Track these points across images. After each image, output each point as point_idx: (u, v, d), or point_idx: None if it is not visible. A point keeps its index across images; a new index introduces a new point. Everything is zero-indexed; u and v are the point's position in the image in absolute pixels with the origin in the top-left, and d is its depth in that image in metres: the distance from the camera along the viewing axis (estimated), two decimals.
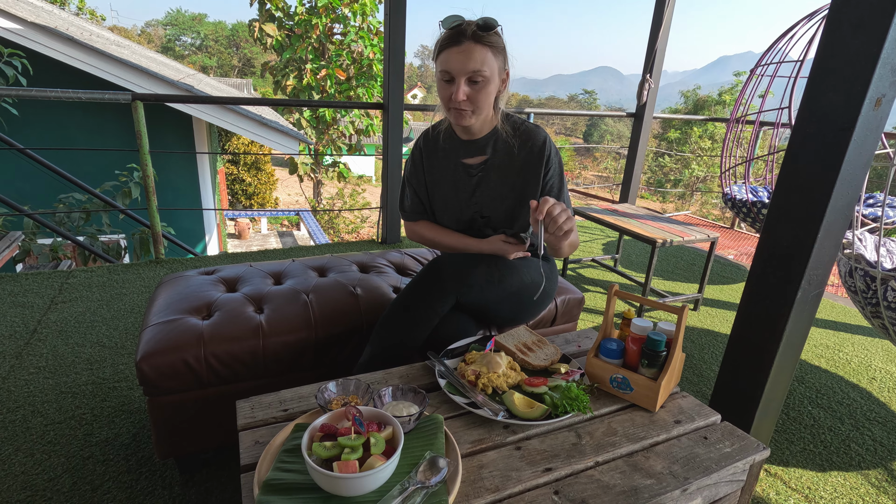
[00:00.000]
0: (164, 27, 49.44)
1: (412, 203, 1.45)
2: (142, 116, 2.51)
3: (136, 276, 2.57)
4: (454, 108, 1.19)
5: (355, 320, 1.37)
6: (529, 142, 1.30)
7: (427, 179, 1.40)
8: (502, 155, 1.32)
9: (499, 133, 1.31)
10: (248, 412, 0.93)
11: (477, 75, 1.15)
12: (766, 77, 3.33)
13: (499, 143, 1.32)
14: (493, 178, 1.32)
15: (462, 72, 1.15)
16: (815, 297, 1.04)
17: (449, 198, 1.37)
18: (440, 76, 1.19)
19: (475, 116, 1.22)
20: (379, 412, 0.80)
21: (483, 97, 1.19)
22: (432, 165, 1.38)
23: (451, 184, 1.36)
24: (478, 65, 1.14)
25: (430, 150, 1.39)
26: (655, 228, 2.47)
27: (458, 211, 1.38)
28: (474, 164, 1.34)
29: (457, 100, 1.17)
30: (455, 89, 1.16)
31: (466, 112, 1.20)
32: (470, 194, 1.35)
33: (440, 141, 1.37)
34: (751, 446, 0.92)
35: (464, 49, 1.14)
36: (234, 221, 12.07)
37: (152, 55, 8.74)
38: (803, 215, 0.97)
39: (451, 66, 1.15)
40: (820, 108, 0.92)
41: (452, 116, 1.23)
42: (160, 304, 1.36)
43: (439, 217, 1.43)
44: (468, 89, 1.17)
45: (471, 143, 1.33)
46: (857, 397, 1.90)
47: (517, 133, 1.31)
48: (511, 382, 1.03)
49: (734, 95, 16.26)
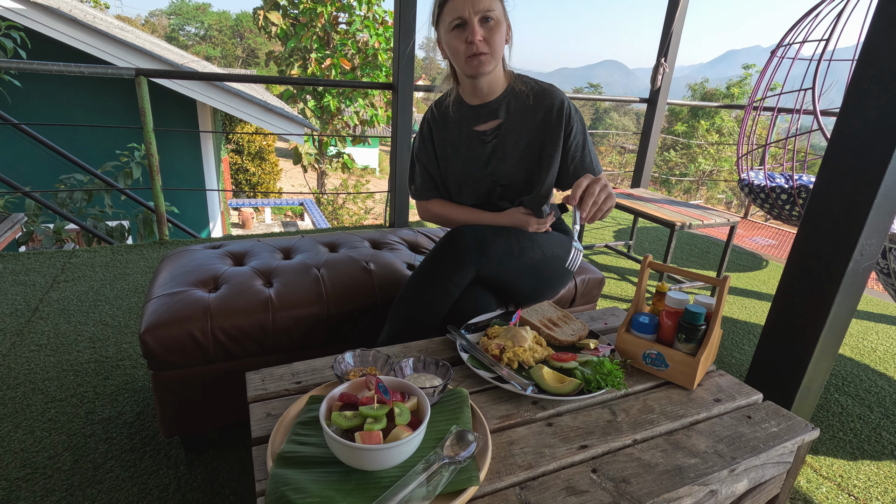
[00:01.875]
0: (168, 17, 49.17)
1: (423, 181, 1.39)
2: (145, 92, 2.44)
3: (140, 256, 2.51)
4: (473, 54, 1.14)
5: (369, 296, 1.31)
6: (547, 100, 1.24)
7: (438, 154, 1.34)
8: (517, 116, 1.25)
9: (512, 92, 1.25)
10: (258, 384, 0.87)
11: (489, 13, 1.11)
12: (786, 60, 3.24)
13: (512, 104, 1.25)
14: (509, 142, 1.26)
15: (474, 11, 1.11)
16: (866, 270, 0.97)
17: (464, 170, 1.31)
18: (449, 26, 1.14)
19: (493, 61, 1.17)
20: (402, 382, 0.74)
21: (498, 39, 1.14)
22: (443, 139, 1.32)
23: (465, 155, 1.30)
24: (487, 3, 1.11)
25: (439, 123, 1.32)
26: (673, 212, 2.40)
27: (474, 182, 1.31)
28: (487, 129, 1.27)
29: (474, 41, 1.11)
30: (471, 31, 1.12)
31: (486, 56, 1.15)
32: (485, 163, 1.28)
33: (449, 112, 1.30)
34: (798, 426, 0.86)
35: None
36: (238, 211, 12.03)
37: (156, 41, 8.66)
38: (859, 178, 0.89)
39: (461, 9, 1.11)
40: (881, 62, 0.85)
41: (471, 67, 1.16)
42: (164, 277, 1.30)
43: (455, 192, 1.36)
44: (482, 30, 1.12)
45: (482, 107, 1.26)
46: (885, 385, 1.83)
47: (532, 91, 1.25)
48: (538, 357, 0.96)
49: (743, 88, 16.06)
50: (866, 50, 0.87)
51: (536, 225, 1.24)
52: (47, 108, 5.23)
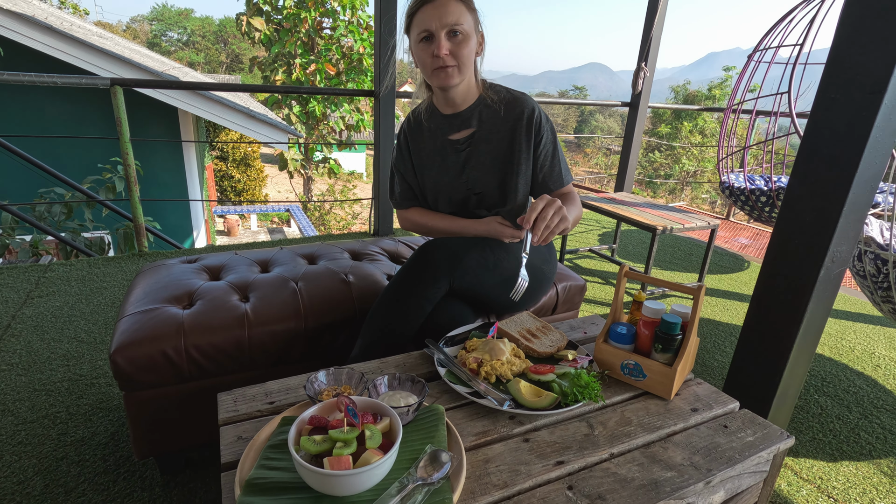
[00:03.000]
0: (150, 23, 48.61)
1: (402, 190, 1.39)
2: (121, 102, 2.40)
3: (118, 269, 2.46)
4: (438, 67, 1.14)
5: (348, 308, 1.29)
6: (517, 109, 1.24)
7: (415, 163, 1.34)
8: (489, 125, 1.26)
9: (483, 101, 1.26)
10: (230, 405, 0.85)
11: (456, 28, 1.11)
12: (763, 64, 3.29)
13: (484, 113, 1.26)
14: (482, 150, 1.26)
15: (441, 26, 1.11)
16: (838, 276, 0.98)
17: (439, 179, 1.31)
18: (417, 38, 1.14)
19: (460, 75, 1.17)
20: (374, 402, 0.73)
21: (465, 52, 1.14)
22: (418, 148, 1.33)
23: (440, 164, 1.30)
24: (455, 18, 1.11)
25: (415, 133, 1.33)
26: (655, 216, 2.41)
27: (449, 191, 1.31)
28: (461, 138, 1.28)
29: (440, 54, 1.11)
30: (437, 45, 1.12)
31: (452, 69, 1.14)
32: (459, 171, 1.29)
33: (423, 122, 1.31)
34: (774, 434, 0.86)
35: (438, 5, 1.11)
36: (224, 218, 11.89)
37: (136, 48, 8.55)
38: (828, 187, 0.91)
39: (428, 22, 1.11)
40: (846, 71, 0.86)
41: (437, 79, 1.16)
42: (138, 294, 1.27)
43: (432, 201, 1.37)
44: (449, 44, 1.12)
45: (455, 116, 1.27)
46: (863, 385, 1.86)
47: (503, 100, 1.25)
48: (516, 370, 0.96)
49: (724, 90, 16.32)
50: (832, 61, 0.88)
51: (511, 236, 1.24)
52: (25, 118, 5.12)
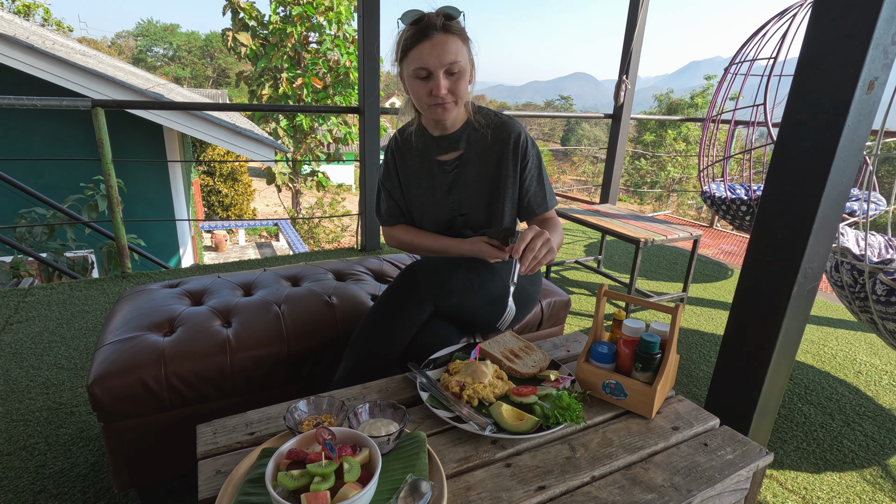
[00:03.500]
0: (136, 38, 48.46)
1: (388, 207, 1.39)
2: (103, 124, 2.38)
3: (100, 291, 2.43)
4: (435, 104, 1.14)
5: (331, 331, 1.29)
6: (504, 133, 1.25)
7: (402, 181, 1.35)
8: (476, 148, 1.27)
9: (471, 125, 1.27)
10: (209, 437, 0.84)
11: (454, 66, 1.11)
12: (739, 76, 3.37)
13: (472, 136, 1.27)
14: (469, 172, 1.28)
15: (439, 65, 1.10)
16: (811, 291, 1.00)
17: (426, 198, 1.32)
18: (413, 74, 1.13)
19: (456, 108, 1.18)
20: (353, 433, 0.73)
21: (462, 88, 1.15)
22: (406, 166, 1.33)
23: (427, 183, 1.31)
24: (453, 56, 1.10)
25: (403, 151, 1.33)
26: (638, 228, 2.44)
27: (436, 211, 1.32)
28: (448, 160, 1.29)
29: (439, 94, 1.12)
30: (435, 84, 1.11)
31: (449, 105, 1.15)
32: (446, 192, 1.30)
33: (412, 141, 1.31)
34: (753, 451, 0.87)
35: (437, 42, 1.09)
36: (211, 233, 11.79)
37: (121, 65, 8.51)
38: (797, 206, 0.93)
39: (426, 61, 1.10)
40: (810, 94, 0.89)
41: (433, 113, 1.17)
42: (118, 322, 1.25)
43: (418, 219, 1.37)
44: (447, 82, 1.12)
45: (444, 138, 1.27)
46: (846, 392, 1.89)
47: (490, 124, 1.26)
48: (498, 393, 0.96)
49: (706, 98, 16.64)
50: (796, 84, 0.91)
51: (497, 256, 1.25)
52: (5, 138, 5.06)
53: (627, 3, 3.42)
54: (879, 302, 1.43)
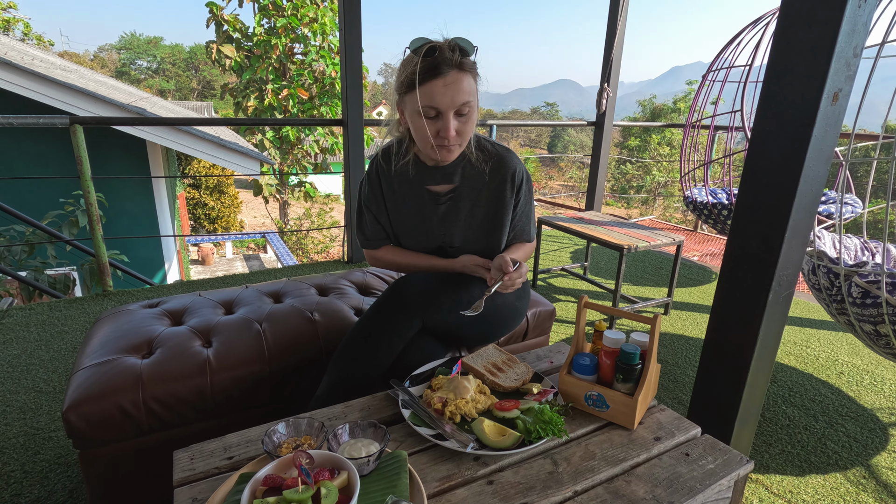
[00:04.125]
0: (119, 51, 48.12)
1: (374, 231, 1.31)
2: (82, 141, 2.36)
3: (81, 311, 2.38)
4: (441, 145, 1.09)
5: (313, 349, 1.28)
6: (502, 169, 1.21)
7: (388, 205, 1.28)
8: (472, 182, 1.22)
9: (467, 158, 1.21)
10: (186, 464, 0.83)
11: (465, 107, 1.05)
12: (717, 83, 3.43)
13: (467, 169, 1.22)
14: (463, 206, 1.24)
15: (451, 106, 1.04)
16: (787, 297, 1.01)
17: (414, 227, 1.27)
18: (421, 112, 1.04)
19: (460, 148, 1.14)
20: (331, 456, 0.72)
21: (470, 128, 1.10)
22: (393, 190, 1.25)
23: (417, 211, 1.25)
24: (467, 96, 1.04)
25: (389, 174, 1.25)
26: (622, 234, 2.47)
27: (424, 239, 1.28)
28: (441, 191, 1.24)
29: (448, 136, 1.06)
30: (445, 126, 1.05)
31: (455, 147, 1.11)
32: (438, 223, 1.26)
33: (401, 165, 1.23)
34: (734, 460, 0.88)
35: (450, 80, 1.02)
36: (198, 247, 11.67)
37: (103, 79, 8.43)
38: (769, 215, 0.94)
39: (438, 101, 1.02)
40: (778, 105, 0.91)
41: (437, 153, 1.11)
42: (94, 345, 1.23)
43: (405, 243, 1.32)
44: (457, 123, 1.06)
45: (437, 169, 1.21)
46: (828, 393, 1.91)
47: (488, 158, 1.21)
48: (481, 408, 0.96)
49: (688, 103, 16.91)
50: (765, 95, 0.93)
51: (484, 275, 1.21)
52: None
53: (607, 12, 3.47)
54: (855, 304, 1.46)
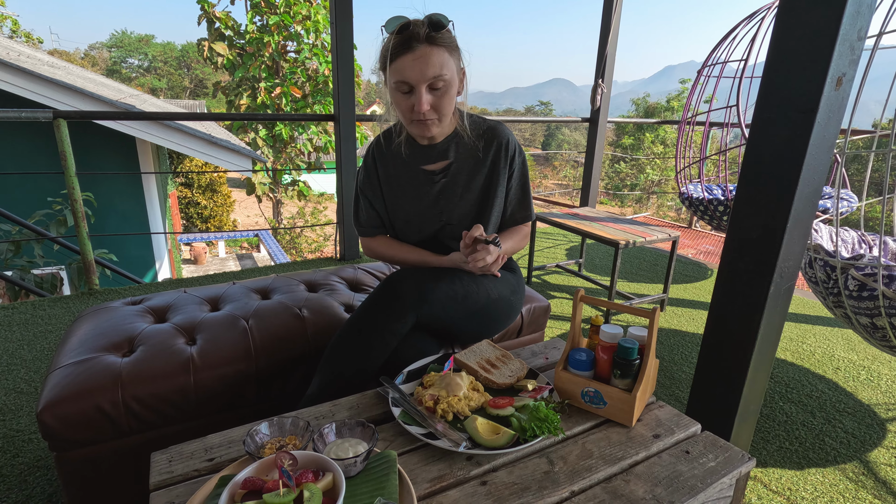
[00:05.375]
0: (109, 49, 47.66)
1: (368, 217, 1.33)
2: (66, 136, 2.30)
3: (65, 310, 2.33)
4: (417, 119, 1.10)
5: (301, 346, 1.24)
6: (495, 140, 1.23)
7: (384, 190, 1.29)
8: (466, 157, 1.23)
9: (459, 134, 1.23)
10: (164, 466, 0.79)
11: (438, 81, 1.05)
12: (712, 78, 3.42)
13: (461, 144, 1.23)
14: (459, 182, 1.24)
15: (422, 80, 1.04)
16: (788, 290, 0.99)
17: (411, 208, 1.27)
18: (395, 87, 1.08)
19: (440, 125, 1.13)
20: (316, 456, 0.68)
21: (447, 103, 1.10)
22: (388, 174, 1.27)
23: (413, 192, 1.26)
24: (437, 69, 1.04)
25: (385, 158, 1.27)
26: (617, 230, 2.44)
27: (420, 221, 1.27)
28: (436, 169, 1.24)
29: (420, 111, 1.07)
30: (417, 100, 1.06)
31: (432, 122, 1.11)
32: (433, 202, 1.25)
33: (396, 148, 1.26)
34: (735, 458, 0.85)
35: (419, 54, 1.03)
36: (190, 246, 11.56)
37: (92, 76, 8.32)
38: (770, 205, 0.92)
39: (408, 75, 1.04)
40: (780, 91, 0.88)
41: (416, 129, 1.13)
42: (73, 343, 1.18)
43: (401, 229, 1.31)
44: (430, 97, 1.07)
45: (431, 147, 1.23)
46: (825, 389, 1.90)
47: (480, 132, 1.23)
48: (474, 405, 0.92)
49: (681, 101, 16.96)
50: (766, 82, 0.90)
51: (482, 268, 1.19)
52: None
53: (602, 9, 3.45)
54: (852, 297, 1.44)
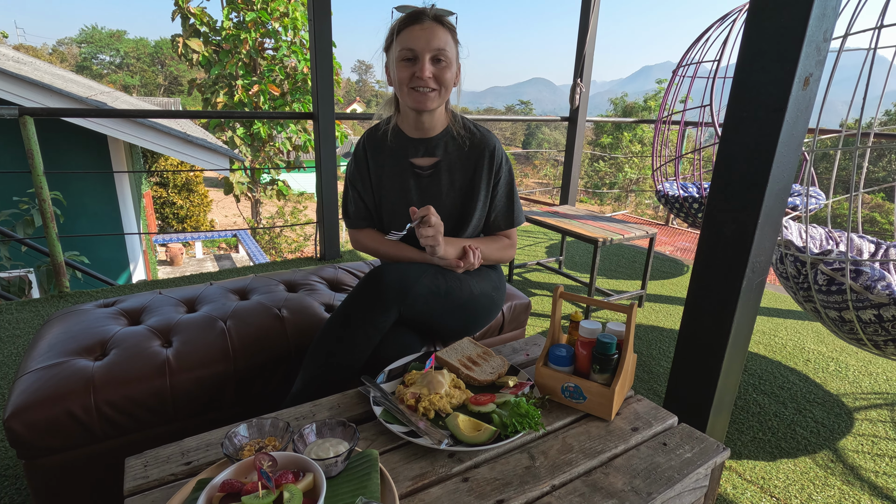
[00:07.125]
0: (79, 45, 46.19)
1: (356, 208, 1.33)
2: (33, 134, 2.22)
3: (34, 313, 2.25)
4: (418, 87, 1.13)
5: (281, 347, 1.22)
6: (481, 144, 1.25)
7: (373, 181, 1.30)
8: (453, 157, 1.25)
9: (450, 132, 1.25)
10: (138, 471, 0.77)
11: (441, 54, 1.11)
12: (686, 79, 3.49)
13: (450, 144, 1.26)
14: (444, 181, 1.26)
15: (427, 49, 1.10)
16: (759, 285, 1.02)
17: (396, 200, 1.28)
18: (400, 55, 1.13)
19: (439, 99, 1.17)
20: (296, 457, 0.67)
21: (447, 77, 1.15)
22: (378, 165, 1.28)
23: (399, 186, 1.27)
24: (442, 44, 1.11)
25: (376, 148, 1.29)
26: (596, 228, 2.47)
27: (405, 215, 1.27)
28: (424, 165, 1.26)
29: (422, 76, 1.11)
30: (420, 67, 1.11)
31: (433, 93, 1.14)
32: (419, 197, 1.26)
33: (387, 139, 1.28)
34: (710, 448, 0.87)
35: (427, 27, 1.11)
36: (166, 247, 11.30)
37: (61, 72, 8.05)
38: (742, 202, 0.94)
39: (415, 43, 1.10)
40: (750, 91, 0.90)
41: (414, 99, 1.15)
42: (42, 347, 1.15)
43: (387, 222, 1.32)
44: (433, 68, 1.12)
45: (421, 141, 1.25)
46: (796, 380, 1.96)
47: (468, 134, 1.26)
48: (455, 403, 0.93)
49: (658, 101, 17.28)
50: (737, 82, 0.92)
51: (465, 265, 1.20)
52: None
53: (579, 9, 3.49)
54: (821, 291, 1.49)
